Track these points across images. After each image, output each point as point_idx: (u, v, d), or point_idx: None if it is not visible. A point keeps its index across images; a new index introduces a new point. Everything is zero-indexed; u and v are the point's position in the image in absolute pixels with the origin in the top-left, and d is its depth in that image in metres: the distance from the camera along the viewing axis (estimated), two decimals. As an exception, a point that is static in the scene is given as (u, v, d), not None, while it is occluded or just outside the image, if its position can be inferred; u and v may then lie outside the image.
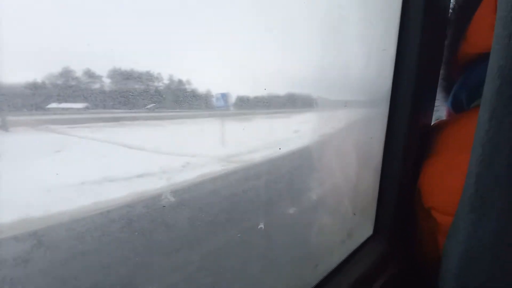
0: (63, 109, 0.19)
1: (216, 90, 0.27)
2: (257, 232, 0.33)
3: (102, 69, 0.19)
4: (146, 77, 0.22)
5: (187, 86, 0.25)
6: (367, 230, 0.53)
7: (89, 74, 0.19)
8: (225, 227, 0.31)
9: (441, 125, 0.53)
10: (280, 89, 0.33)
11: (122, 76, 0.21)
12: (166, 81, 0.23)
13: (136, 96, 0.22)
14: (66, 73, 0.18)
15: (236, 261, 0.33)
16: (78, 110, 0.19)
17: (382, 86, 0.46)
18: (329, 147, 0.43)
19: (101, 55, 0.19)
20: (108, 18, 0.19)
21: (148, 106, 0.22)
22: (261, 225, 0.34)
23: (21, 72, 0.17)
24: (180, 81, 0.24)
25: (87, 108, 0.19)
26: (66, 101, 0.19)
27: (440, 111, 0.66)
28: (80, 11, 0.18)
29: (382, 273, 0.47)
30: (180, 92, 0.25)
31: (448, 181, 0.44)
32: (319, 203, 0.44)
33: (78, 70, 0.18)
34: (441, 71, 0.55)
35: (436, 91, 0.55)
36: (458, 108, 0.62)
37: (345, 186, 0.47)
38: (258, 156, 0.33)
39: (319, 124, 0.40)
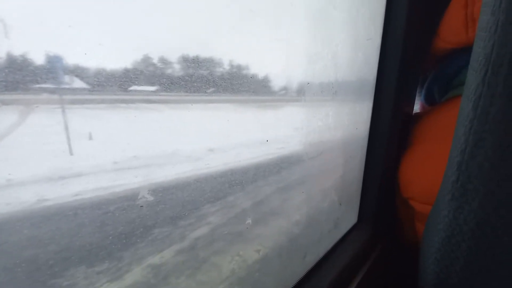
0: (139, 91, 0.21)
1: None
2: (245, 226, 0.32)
3: (173, 55, 0.22)
4: (209, 63, 0.24)
5: (246, 71, 0.27)
6: (352, 218, 0.54)
7: (163, 61, 0.22)
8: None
9: (417, 117, 0.55)
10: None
11: (189, 62, 0.23)
12: (226, 67, 0.25)
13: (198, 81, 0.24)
14: (146, 60, 0.21)
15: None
16: (151, 92, 0.22)
17: (368, 77, 0.47)
18: (317, 139, 0.42)
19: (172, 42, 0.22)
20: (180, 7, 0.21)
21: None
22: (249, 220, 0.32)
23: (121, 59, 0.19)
24: (239, 66, 0.26)
25: (157, 90, 0.22)
26: (143, 84, 0.21)
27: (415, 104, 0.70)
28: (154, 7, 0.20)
29: (367, 258, 0.48)
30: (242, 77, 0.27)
31: (424, 171, 0.46)
32: (307, 195, 0.43)
33: (155, 57, 0.21)
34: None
35: (418, 82, 0.57)
36: (430, 101, 0.66)
37: (332, 177, 0.47)
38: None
39: (307, 115, 0.39)
